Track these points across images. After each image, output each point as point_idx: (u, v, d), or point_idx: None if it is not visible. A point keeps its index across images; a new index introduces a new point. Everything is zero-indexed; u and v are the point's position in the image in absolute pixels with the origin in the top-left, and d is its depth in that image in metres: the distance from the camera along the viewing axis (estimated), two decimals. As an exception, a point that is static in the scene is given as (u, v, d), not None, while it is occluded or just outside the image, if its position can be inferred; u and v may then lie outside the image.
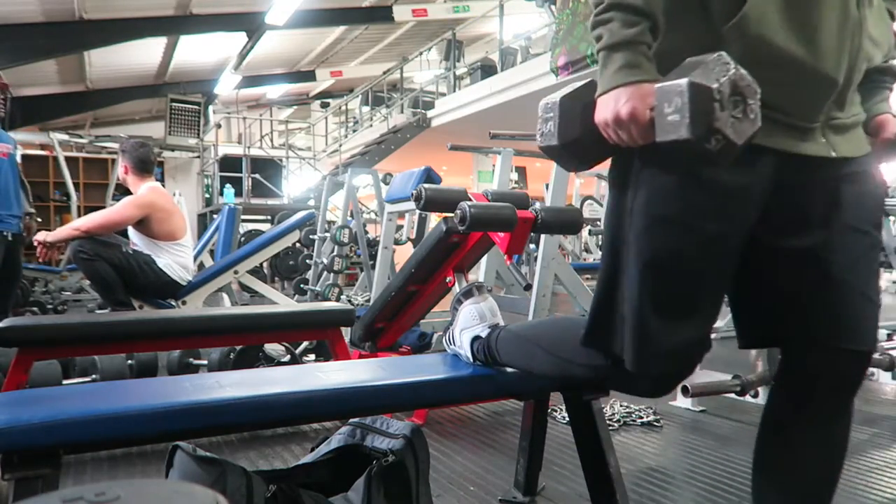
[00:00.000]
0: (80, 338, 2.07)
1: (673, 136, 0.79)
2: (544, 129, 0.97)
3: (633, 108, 0.86)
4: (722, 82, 0.76)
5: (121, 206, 3.24)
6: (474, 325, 1.43)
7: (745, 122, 0.77)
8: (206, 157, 12.00)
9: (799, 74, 0.90)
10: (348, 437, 1.39)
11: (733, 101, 0.76)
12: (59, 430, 1.02)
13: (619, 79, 0.87)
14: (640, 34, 0.88)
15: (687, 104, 0.77)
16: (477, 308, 1.45)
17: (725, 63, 0.78)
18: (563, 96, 0.95)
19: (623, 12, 0.88)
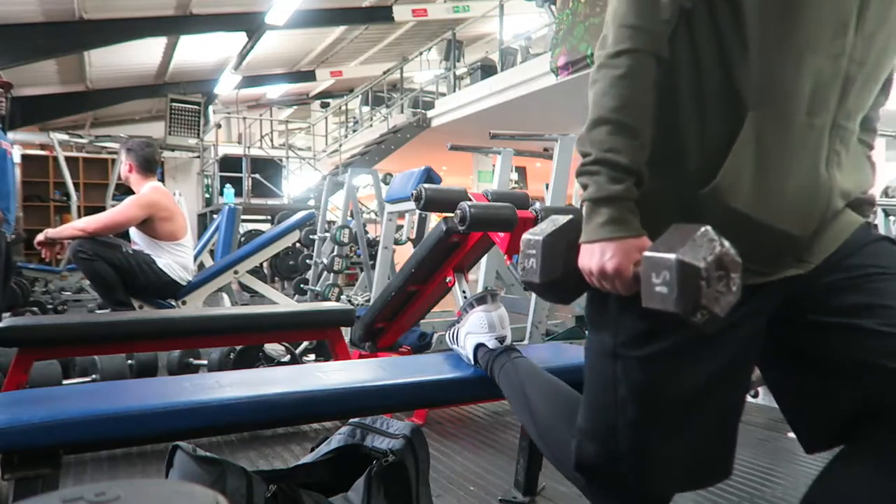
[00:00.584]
0: (80, 338, 2.07)
1: (659, 306, 0.82)
2: (526, 264, 1.00)
3: (618, 264, 0.88)
4: (709, 261, 0.79)
5: (125, 206, 3.23)
6: (482, 332, 1.43)
7: (729, 294, 0.81)
8: (206, 157, 12.00)
9: (767, 237, 0.92)
10: (348, 437, 1.39)
11: (718, 276, 0.79)
12: (59, 430, 1.02)
13: (605, 233, 0.89)
14: (626, 191, 0.89)
15: (675, 280, 0.80)
16: (487, 316, 1.44)
17: (712, 240, 0.81)
18: (546, 236, 0.97)
19: (610, 168, 0.89)
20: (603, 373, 0.98)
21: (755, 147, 0.90)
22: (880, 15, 0.90)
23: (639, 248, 0.88)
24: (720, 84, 0.91)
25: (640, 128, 0.90)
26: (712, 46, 0.91)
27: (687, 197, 0.92)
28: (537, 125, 5.83)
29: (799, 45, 0.88)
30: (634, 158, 0.89)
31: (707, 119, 0.92)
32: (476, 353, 1.41)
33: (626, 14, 0.90)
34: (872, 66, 0.93)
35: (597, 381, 1.00)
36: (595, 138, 0.90)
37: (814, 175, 0.92)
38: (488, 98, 8.06)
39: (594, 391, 1.01)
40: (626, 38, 0.89)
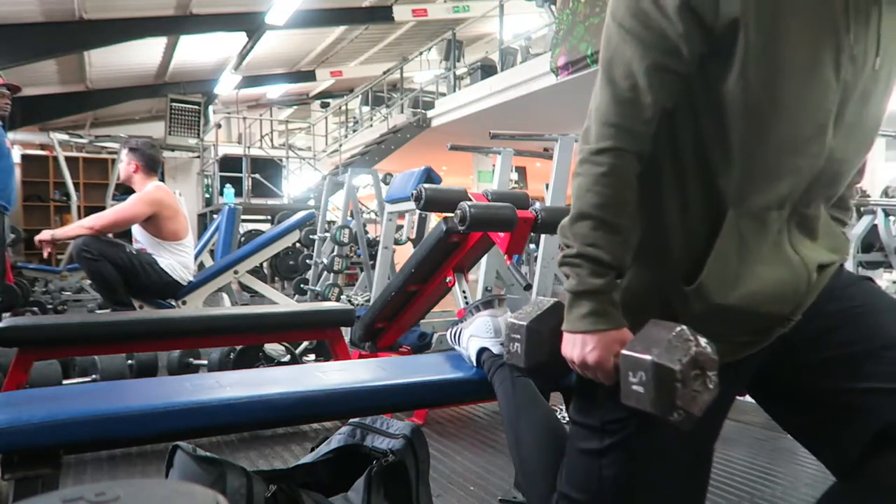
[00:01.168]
0: (80, 338, 2.07)
1: (636, 405, 0.84)
2: (511, 348, 1.03)
3: (598, 357, 0.90)
4: (684, 363, 0.80)
5: (130, 203, 3.25)
6: (487, 336, 1.43)
7: (705, 393, 0.82)
8: (206, 157, 12.00)
9: (756, 320, 0.95)
10: (348, 437, 1.39)
11: (694, 376, 0.80)
12: (59, 430, 1.02)
13: (586, 326, 0.91)
14: (607, 285, 0.91)
15: (651, 382, 0.81)
16: (493, 322, 1.44)
17: (687, 340, 0.82)
18: (531, 322, 1.00)
19: (592, 264, 0.91)
20: (588, 451, 0.99)
21: (737, 244, 0.92)
22: (856, 116, 0.91)
23: (619, 340, 0.90)
24: (702, 183, 0.93)
25: (621, 224, 0.92)
26: (694, 146, 0.93)
27: (672, 290, 0.94)
28: (537, 125, 5.82)
29: (779, 147, 0.89)
30: (616, 254, 0.91)
31: (689, 216, 0.94)
32: (479, 356, 1.41)
33: (608, 112, 0.91)
34: (848, 161, 0.96)
35: (580, 460, 1.01)
36: (577, 232, 0.92)
37: (786, 259, 0.95)
38: (488, 98, 8.06)
39: (577, 469, 1.01)
40: (608, 136, 0.90)
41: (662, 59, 0.88)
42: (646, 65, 0.88)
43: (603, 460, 0.97)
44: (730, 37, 0.84)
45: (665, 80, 0.89)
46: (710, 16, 0.84)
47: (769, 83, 0.85)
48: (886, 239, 5.03)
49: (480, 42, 11.86)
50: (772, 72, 0.85)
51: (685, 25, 0.85)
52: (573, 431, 1.03)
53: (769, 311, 0.95)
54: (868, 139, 0.97)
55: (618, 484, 0.96)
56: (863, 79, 0.89)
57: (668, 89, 0.90)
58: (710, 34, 0.86)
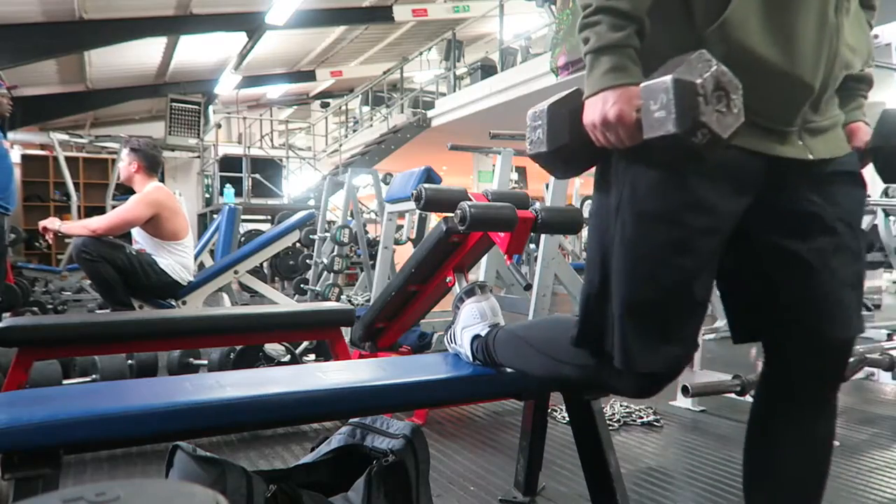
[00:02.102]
0: (80, 338, 2.07)
1: (660, 131, 0.81)
2: (533, 136, 0.99)
3: (620, 110, 0.87)
4: (705, 77, 0.78)
5: (132, 205, 3.24)
6: (475, 323, 1.44)
7: (729, 115, 0.79)
8: (206, 157, 12.00)
9: (776, 80, 0.92)
10: (348, 437, 1.39)
11: (717, 96, 0.78)
12: (59, 430, 1.02)
13: (607, 81, 0.89)
14: (628, 38, 0.89)
15: (672, 100, 0.79)
16: (478, 307, 1.45)
17: (707, 60, 0.80)
18: (551, 104, 0.97)
19: (611, 16, 0.88)
20: (603, 230, 0.99)
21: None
22: None
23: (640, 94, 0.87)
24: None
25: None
26: None
27: (693, 42, 0.90)
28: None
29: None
30: (636, 4, 0.89)
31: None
32: (472, 345, 1.41)
33: None
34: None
35: (597, 242, 1.01)
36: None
37: (823, 18, 0.92)
38: (488, 98, 8.07)
39: (593, 252, 1.02)
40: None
41: None
42: None
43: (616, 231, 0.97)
44: None
45: None
46: None
47: None
48: (886, 239, 5.03)
49: (480, 42, 11.86)
50: None
51: None
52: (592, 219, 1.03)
53: (793, 72, 0.92)
54: None
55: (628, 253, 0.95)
56: None
57: None
58: None
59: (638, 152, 0.90)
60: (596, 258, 1.02)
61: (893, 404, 2.71)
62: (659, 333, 0.96)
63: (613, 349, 0.99)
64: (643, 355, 0.96)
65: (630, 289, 0.96)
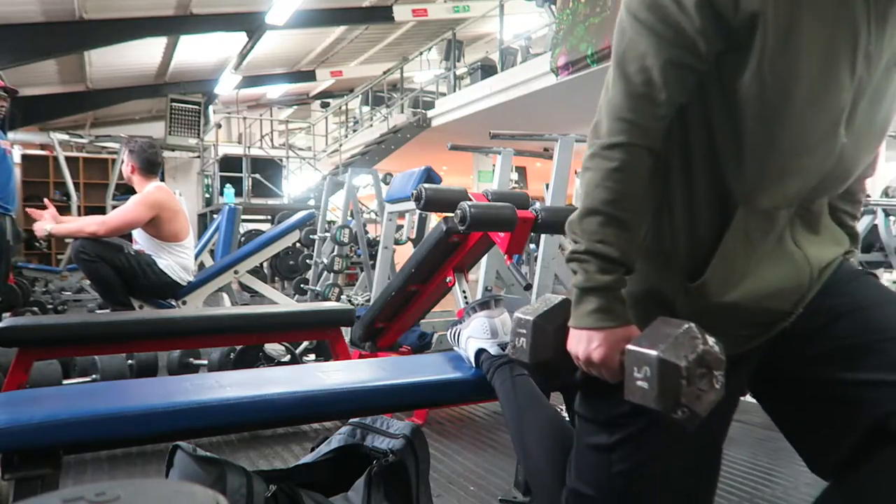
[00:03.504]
0: (81, 338, 2.07)
1: (640, 401, 0.83)
2: (517, 343, 1.01)
3: (603, 354, 0.89)
4: (690, 360, 0.78)
5: (132, 206, 3.22)
6: (484, 338, 1.43)
7: (711, 392, 0.80)
8: (207, 157, 12.00)
9: (760, 316, 0.96)
10: (348, 437, 1.39)
11: (700, 374, 0.79)
12: (59, 430, 1.02)
13: (592, 322, 0.90)
14: (615, 281, 0.90)
15: (655, 378, 0.80)
16: (490, 322, 1.44)
17: (694, 337, 0.80)
18: (537, 317, 0.99)
19: (600, 260, 0.90)
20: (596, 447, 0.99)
21: (743, 242, 0.92)
22: (868, 115, 0.90)
23: (625, 337, 0.89)
24: (710, 180, 0.92)
25: (631, 220, 0.91)
26: (704, 143, 0.92)
27: (674, 288, 0.94)
28: (537, 125, 5.82)
29: (791, 147, 0.88)
30: (625, 250, 0.90)
31: (695, 213, 0.94)
32: (478, 357, 1.41)
33: (621, 107, 0.89)
34: (857, 160, 0.95)
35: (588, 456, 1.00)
36: (586, 228, 0.91)
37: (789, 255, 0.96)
38: (488, 98, 8.06)
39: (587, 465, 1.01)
40: (620, 131, 0.89)
41: (679, 54, 0.86)
42: (662, 60, 0.86)
43: (612, 455, 0.96)
44: (747, 32, 0.83)
45: (680, 77, 0.88)
46: (729, 11, 0.83)
47: (785, 81, 0.84)
48: (886, 239, 5.03)
49: (480, 42, 11.86)
50: (788, 69, 0.83)
51: (703, 21, 0.84)
52: (580, 427, 1.03)
53: (772, 306, 0.95)
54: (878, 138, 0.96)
55: (628, 479, 0.95)
56: (875, 77, 0.88)
57: (683, 85, 0.89)
58: (728, 30, 0.84)
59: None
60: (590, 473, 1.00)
61: (893, 404, 2.71)
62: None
63: None
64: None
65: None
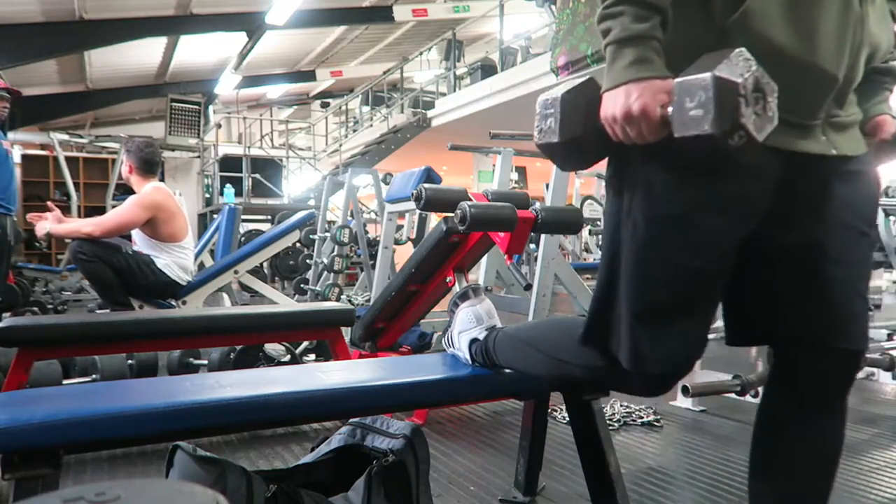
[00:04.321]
0: (81, 338, 2.07)
1: (695, 130, 0.78)
2: (543, 125, 0.94)
3: (644, 104, 0.84)
4: (746, 77, 0.75)
5: (128, 207, 3.21)
6: (471, 327, 1.43)
7: (765, 118, 0.77)
8: (207, 157, 12.00)
9: (800, 72, 0.90)
10: (348, 437, 1.39)
11: (755, 97, 0.76)
12: (59, 430, 1.02)
13: (630, 74, 0.86)
14: (652, 29, 0.87)
15: (712, 99, 0.76)
16: (473, 311, 1.45)
17: (748, 59, 0.77)
18: (566, 92, 0.92)
19: (634, 6, 0.86)
20: (614, 231, 0.98)
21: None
22: None
23: (665, 89, 0.85)
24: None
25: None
26: None
27: (714, 35, 0.88)
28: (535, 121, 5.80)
29: None
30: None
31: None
32: (471, 349, 1.41)
33: None
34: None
35: (608, 242, 1.00)
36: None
37: (846, 7, 0.90)
38: (488, 98, 8.06)
39: (604, 252, 1.01)
40: None
41: None
42: None
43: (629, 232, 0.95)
44: None
45: None
46: None
47: None
48: (886, 239, 5.03)
49: (480, 42, 11.86)
50: None
51: None
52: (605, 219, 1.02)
53: (817, 63, 0.89)
54: None
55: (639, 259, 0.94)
56: None
57: None
58: None
59: (656, 150, 0.87)
60: (606, 258, 1.01)
61: (893, 404, 2.71)
62: (668, 336, 0.95)
63: (620, 350, 0.98)
64: (651, 357, 0.96)
65: (640, 290, 0.95)
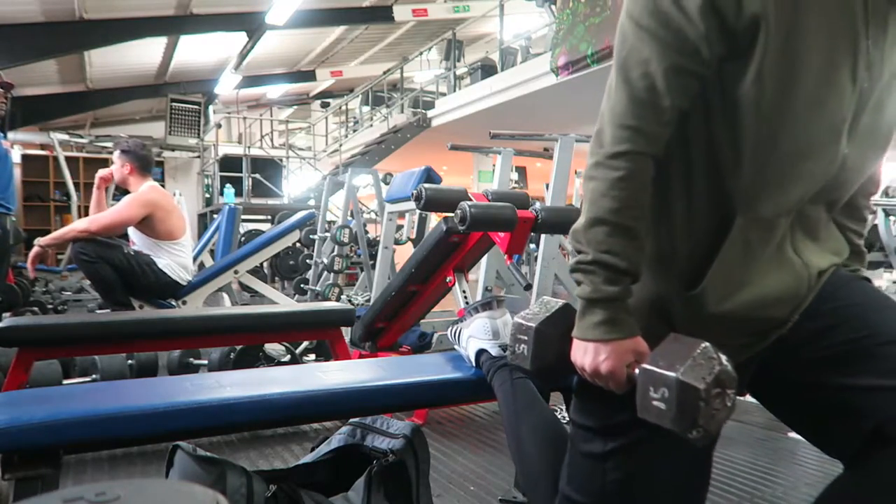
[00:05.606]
0: (81, 338, 2.07)
1: (656, 420, 0.82)
2: (517, 349, 1.00)
3: (611, 367, 0.88)
4: (709, 382, 0.79)
5: (124, 206, 3.23)
6: (485, 338, 1.43)
7: (723, 411, 0.81)
8: (207, 157, 12.00)
9: (757, 325, 0.95)
10: (348, 437, 1.39)
11: (716, 394, 0.79)
12: (59, 430, 1.02)
13: (599, 334, 0.89)
14: (622, 292, 0.89)
15: (674, 399, 0.80)
16: (492, 323, 1.44)
17: (711, 357, 0.80)
18: (539, 324, 0.97)
19: (607, 270, 0.89)
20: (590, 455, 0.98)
21: (742, 251, 0.91)
22: (871, 124, 0.90)
23: (633, 349, 0.88)
24: (710, 186, 0.92)
25: (638, 229, 0.90)
26: (705, 148, 0.91)
27: (672, 296, 0.94)
28: (537, 125, 5.82)
29: (793, 152, 0.88)
30: (632, 260, 0.89)
31: (694, 219, 0.93)
32: (478, 357, 1.41)
33: (624, 114, 0.88)
34: (859, 169, 0.94)
35: (582, 463, 1.00)
36: (592, 238, 0.90)
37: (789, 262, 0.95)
38: (488, 98, 8.06)
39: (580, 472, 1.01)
40: (624, 139, 0.88)
41: (681, 60, 0.86)
42: (665, 66, 0.86)
43: (606, 464, 0.96)
44: (749, 37, 0.83)
45: (684, 83, 0.87)
46: (731, 15, 0.82)
47: (786, 85, 0.84)
48: (886, 239, 5.03)
49: (480, 42, 11.86)
50: (789, 73, 0.83)
51: (707, 26, 0.83)
52: (574, 433, 1.02)
53: (769, 315, 0.95)
54: (882, 148, 0.96)
55: (621, 487, 0.95)
56: (879, 87, 0.88)
57: (686, 91, 0.88)
58: (731, 35, 0.84)
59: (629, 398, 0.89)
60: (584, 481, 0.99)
61: (893, 404, 2.71)
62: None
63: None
64: None
65: None
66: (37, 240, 3.13)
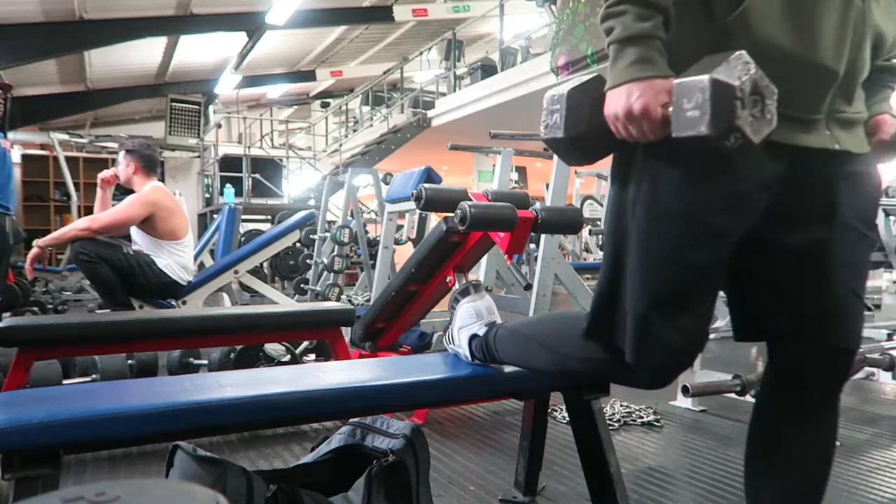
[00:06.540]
0: (81, 338, 2.07)
1: (691, 131, 0.79)
2: (549, 120, 0.95)
3: (645, 104, 0.85)
4: (744, 80, 0.76)
5: (126, 205, 3.23)
6: (472, 323, 1.44)
7: (763, 121, 0.78)
8: (207, 157, 12.00)
9: (799, 68, 0.90)
10: (348, 437, 1.39)
11: (753, 100, 0.77)
12: (59, 430, 1.02)
13: (632, 73, 0.86)
14: (654, 28, 0.87)
15: (708, 101, 0.77)
16: (474, 306, 1.45)
17: (746, 62, 0.78)
18: (571, 89, 0.94)
19: (637, 6, 0.87)
20: (618, 225, 0.98)
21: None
22: None
23: (666, 88, 0.85)
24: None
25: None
26: None
27: (714, 33, 0.89)
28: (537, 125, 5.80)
29: None
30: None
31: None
32: (471, 345, 1.41)
33: None
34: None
35: (611, 236, 1.00)
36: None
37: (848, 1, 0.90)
38: (488, 98, 8.07)
39: (607, 246, 1.01)
40: None
41: None
42: None
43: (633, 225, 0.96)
44: None
45: None
46: None
47: None
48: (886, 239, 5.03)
49: (480, 42, 11.85)
50: None
51: None
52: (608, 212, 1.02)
53: (817, 60, 0.90)
54: None
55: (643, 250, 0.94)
56: None
57: None
58: None
59: (659, 147, 0.88)
60: (609, 252, 1.01)
61: (893, 404, 2.71)
62: (670, 329, 0.95)
63: (624, 343, 0.99)
64: (653, 350, 0.96)
65: (642, 285, 0.95)
66: (36, 241, 3.13)
